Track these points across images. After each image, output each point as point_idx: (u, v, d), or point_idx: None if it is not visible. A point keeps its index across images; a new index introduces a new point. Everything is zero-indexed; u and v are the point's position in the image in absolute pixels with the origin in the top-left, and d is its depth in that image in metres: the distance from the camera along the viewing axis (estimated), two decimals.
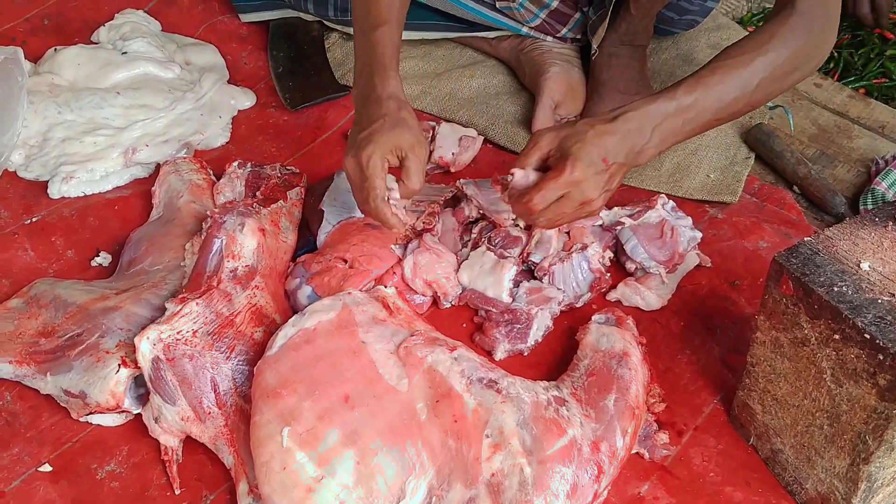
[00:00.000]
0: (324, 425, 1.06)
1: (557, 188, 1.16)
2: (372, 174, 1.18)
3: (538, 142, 1.20)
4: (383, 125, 1.20)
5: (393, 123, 1.20)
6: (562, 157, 1.17)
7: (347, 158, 1.21)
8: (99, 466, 1.15)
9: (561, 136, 1.19)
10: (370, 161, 1.18)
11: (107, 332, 1.18)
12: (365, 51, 1.27)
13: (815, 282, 0.99)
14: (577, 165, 1.15)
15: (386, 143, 1.19)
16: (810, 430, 1.07)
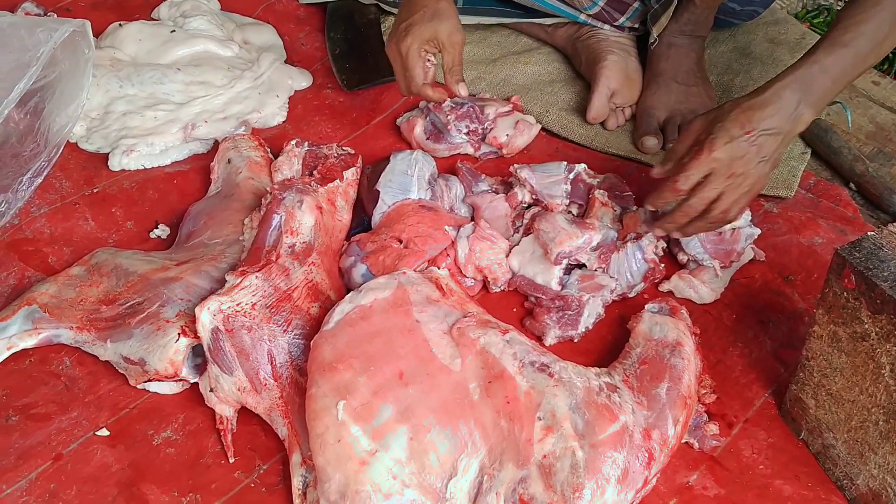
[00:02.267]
0: (378, 400, 1.07)
1: (700, 166, 1.20)
2: (411, 64, 1.33)
3: (689, 128, 1.24)
4: (423, 16, 1.31)
5: (431, 14, 1.32)
6: (705, 138, 1.21)
7: (389, 46, 1.36)
8: (155, 433, 1.17)
9: (709, 119, 1.23)
10: (409, 52, 1.32)
11: (167, 302, 1.20)
12: None
13: (879, 276, 0.98)
14: (716, 143, 1.19)
15: (423, 34, 1.31)
16: (865, 425, 1.06)
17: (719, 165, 1.19)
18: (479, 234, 1.32)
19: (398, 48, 1.33)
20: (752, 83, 1.65)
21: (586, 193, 1.40)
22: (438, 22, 1.31)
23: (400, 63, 1.34)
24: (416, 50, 1.32)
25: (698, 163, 1.20)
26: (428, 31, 1.31)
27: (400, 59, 1.34)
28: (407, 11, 1.34)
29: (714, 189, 1.21)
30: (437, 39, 1.32)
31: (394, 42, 1.34)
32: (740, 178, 1.20)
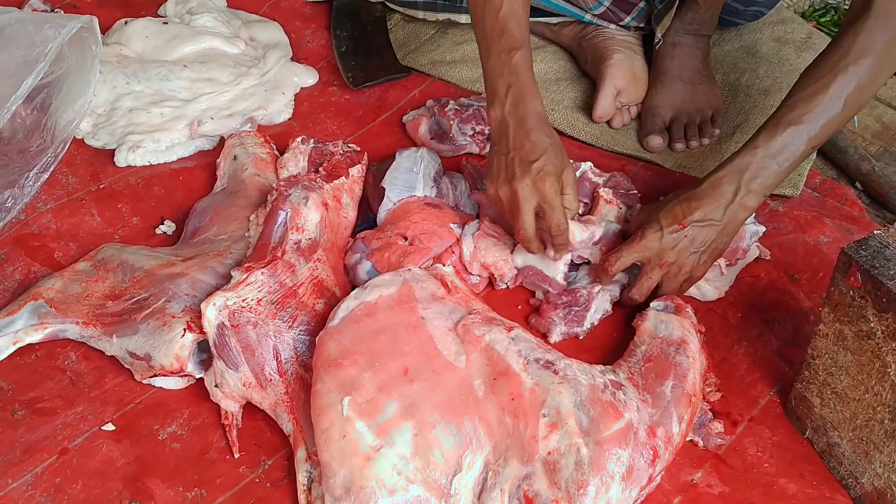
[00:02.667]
0: (383, 396, 1.07)
1: (630, 253, 1.24)
2: (556, 207, 1.19)
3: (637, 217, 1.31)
4: (553, 155, 1.19)
5: (558, 153, 1.21)
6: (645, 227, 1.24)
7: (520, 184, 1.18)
8: (161, 427, 1.18)
9: (651, 209, 1.27)
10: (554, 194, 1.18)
11: (173, 297, 1.20)
12: (506, 72, 1.22)
13: (885, 274, 0.98)
14: (647, 233, 1.23)
15: (556, 173, 1.19)
16: (870, 424, 1.06)
17: (650, 255, 1.23)
18: (484, 232, 1.33)
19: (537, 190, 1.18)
20: (757, 82, 1.65)
21: (592, 192, 1.40)
22: (564, 160, 1.20)
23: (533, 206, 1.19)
24: (558, 192, 1.19)
25: (629, 249, 1.24)
26: (558, 169, 1.19)
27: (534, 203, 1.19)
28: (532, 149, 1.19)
29: (649, 279, 1.25)
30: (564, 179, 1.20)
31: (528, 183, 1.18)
32: (674, 268, 1.24)
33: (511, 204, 1.21)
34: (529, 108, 1.21)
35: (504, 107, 1.22)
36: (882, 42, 1.16)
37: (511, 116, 1.22)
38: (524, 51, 1.23)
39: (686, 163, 1.53)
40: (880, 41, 1.16)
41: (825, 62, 1.18)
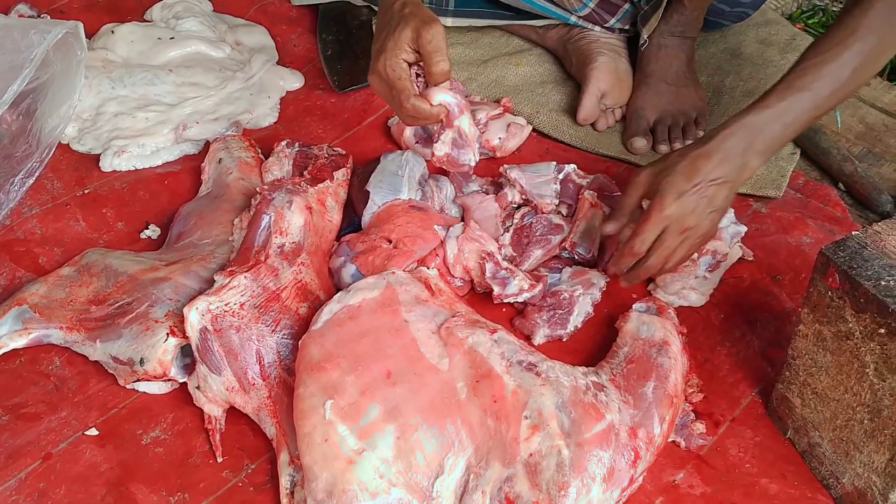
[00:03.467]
0: (366, 400, 1.08)
1: (654, 226, 1.19)
2: (394, 78, 1.18)
3: (637, 181, 1.24)
4: (391, 30, 1.19)
5: (398, 23, 1.18)
6: (654, 194, 1.20)
7: (371, 77, 1.22)
8: (144, 432, 1.18)
9: (655, 172, 1.22)
10: (388, 68, 1.18)
11: (156, 302, 1.21)
12: None
13: (863, 275, 0.99)
14: (666, 200, 1.18)
15: (397, 44, 1.18)
16: (850, 424, 1.07)
17: (671, 223, 1.19)
18: (468, 235, 1.33)
19: (378, 73, 1.20)
20: (741, 84, 1.66)
21: (576, 194, 1.40)
22: (405, 25, 1.17)
23: (385, 87, 1.21)
24: (395, 63, 1.18)
25: (651, 223, 1.19)
26: (401, 39, 1.17)
27: (384, 83, 1.20)
28: (377, 38, 1.22)
29: (668, 247, 1.21)
30: (411, 39, 1.17)
31: (372, 70, 1.21)
32: (693, 231, 1.20)
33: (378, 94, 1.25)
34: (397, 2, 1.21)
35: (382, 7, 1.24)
36: (888, 24, 1.17)
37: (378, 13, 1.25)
38: None
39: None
40: (886, 23, 1.17)
41: (835, 35, 1.18)
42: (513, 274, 1.29)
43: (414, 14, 1.19)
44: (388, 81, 1.20)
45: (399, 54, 1.18)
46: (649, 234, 1.20)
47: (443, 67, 1.19)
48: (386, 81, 1.21)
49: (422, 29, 1.17)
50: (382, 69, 1.20)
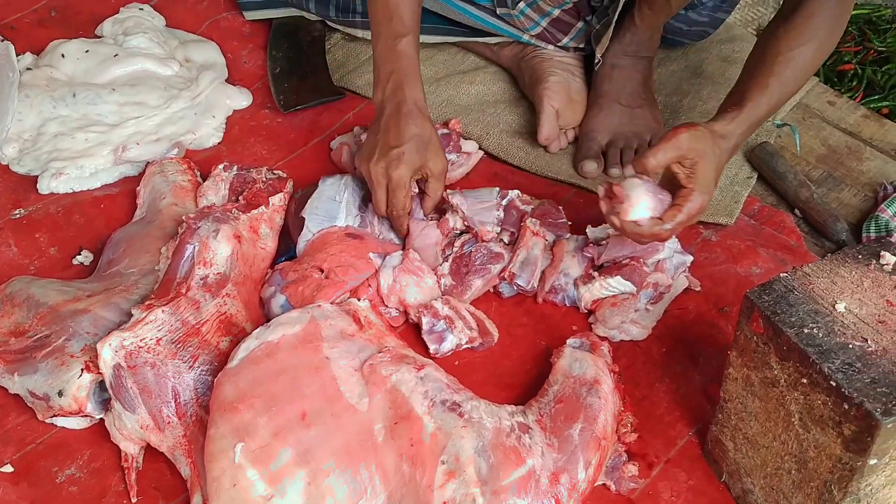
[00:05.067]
0: (278, 443, 1.04)
1: (686, 218, 1.16)
2: (400, 193, 1.27)
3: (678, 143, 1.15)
4: (416, 145, 1.26)
5: (424, 144, 1.27)
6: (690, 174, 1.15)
7: (375, 167, 1.27)
8: (60, 470, 1.15)
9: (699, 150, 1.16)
10: (400, 181, 1.26)
11: (73, 336, 1.17)
12: (390, 58, 1.30)
13: (786, 322, 0.94)
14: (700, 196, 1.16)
15: (415, 164, 1.27)
16: (779, 472, 1.02)
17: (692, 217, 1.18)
18: (406, 267, 1.29)
19: (388, 174, 1.26)
20: (700, 104, 1.61)
21: (519, 220, 1.36)
22: (431, 154, 1.27)
23: (384, 187, 1.28)
24: (406, 180, 1.27)
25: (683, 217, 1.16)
26: (419, 161, 1.27)
27: (385, 184, 1.27)
28: (396, 136, 1.26)
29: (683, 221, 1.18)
30: (426, 169, 1.28)
31: (381, 166, 1.26)
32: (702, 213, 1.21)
33: (368, 182, 1.30)
34: (407, 95, 1.27)
35: (384, 91, 1.29)
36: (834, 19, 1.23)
37: (389, 101, 1.28)
38: (411, 38, 1.29)
39: None
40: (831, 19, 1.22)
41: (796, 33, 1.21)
42: (452, 325, 1.25)
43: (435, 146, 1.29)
44: (392, 186, 1.28)
45: (413, 176, 1.29)
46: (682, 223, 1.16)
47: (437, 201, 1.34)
48: (388, 184, 1.28)
49: (436, 174, 1.30)
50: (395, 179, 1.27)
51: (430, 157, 1.28)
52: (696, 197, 1.15)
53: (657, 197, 1.16)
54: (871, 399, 0.86)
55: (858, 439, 0.88)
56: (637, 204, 1.15)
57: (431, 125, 1.29)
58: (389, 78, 1.29)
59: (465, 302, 1.31)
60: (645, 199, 1.16)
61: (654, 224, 1.16)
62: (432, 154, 1.28)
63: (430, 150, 1.28)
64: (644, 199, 1.16)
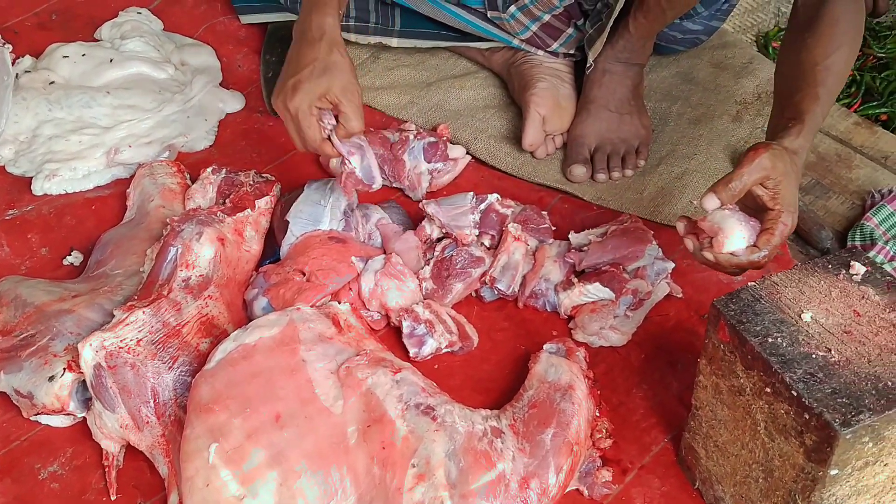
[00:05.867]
0: (251, 444, 1.05)
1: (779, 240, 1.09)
2: (304, 125, 1.21)
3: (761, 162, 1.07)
4: (312, 72, 1.20)
5: (322, 69, 1.20)
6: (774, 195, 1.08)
7: (276, 102, 1.23)
8: (42, 467, 1.17)
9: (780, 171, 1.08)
10: (298, 112, 1.20)
11: (57, 335, 1.20)
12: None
13: (751, 331, 0.95)
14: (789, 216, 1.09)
15: (313, 91, 1.20)
16: (747, 481, 1.03)
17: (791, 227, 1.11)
18: (388, 271, 1.30)
19: (286, 106, 1.21)
20: (689, 110, 1.61)
21: (500, 224, 1.37)
22: (331, 77, 1.19)
23: (291, 122, 1.22)
24: (306, 109, 1.20)
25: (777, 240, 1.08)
26: (320, 87, 1.19)
27: (290, 118, 1.22)
28: (294, 65, 1.21)
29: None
30: (330, 93, 1.20)
31: (281, 100, 1.21)
32: None
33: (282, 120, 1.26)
34: (313, 21, 1.21)
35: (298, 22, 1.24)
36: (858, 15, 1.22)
37: (296, 30, 1.24)
38: None
39: (606, 195, 1.49)
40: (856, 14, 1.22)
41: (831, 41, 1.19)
42: (432, 329, 1.26)
43: (337, 68, 1.20)
44: (295, 120, 1.22)
45: (312, 103, 1.20)
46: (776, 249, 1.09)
47: (355, 127, 1.23)
48: (291, 117, 1.22)
49: (344, 93, 1.20)
50: (293, 112, 1.21)
51: (333, 81, 1.19)
52: (786, 217, 1.08)
53: (748, 224, 1.09)
54: (831, 410, 0.87)
55: (819, 449, 0.89)
56: (732, 235, 1.08)
57: (340, 48, 1.22)
58: (304, 7, 1.24)
59: (447, 306, 1.32)
60: (739, 230, 1.08)
61: (750, 252, 1.08)
62: (336, 77, 1.19)
63: (333, 73, 1.19)
64: (738, 228, 1.08)
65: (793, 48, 1.22)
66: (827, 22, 1.20)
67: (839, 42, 1.19)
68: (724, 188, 1.07)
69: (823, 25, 1.20)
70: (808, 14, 1.22)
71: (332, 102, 1.21)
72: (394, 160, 1.47)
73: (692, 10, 1.55)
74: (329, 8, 1.23)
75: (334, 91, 1.20)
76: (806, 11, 1.23)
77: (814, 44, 1.19)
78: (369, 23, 1.67)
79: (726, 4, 1.57)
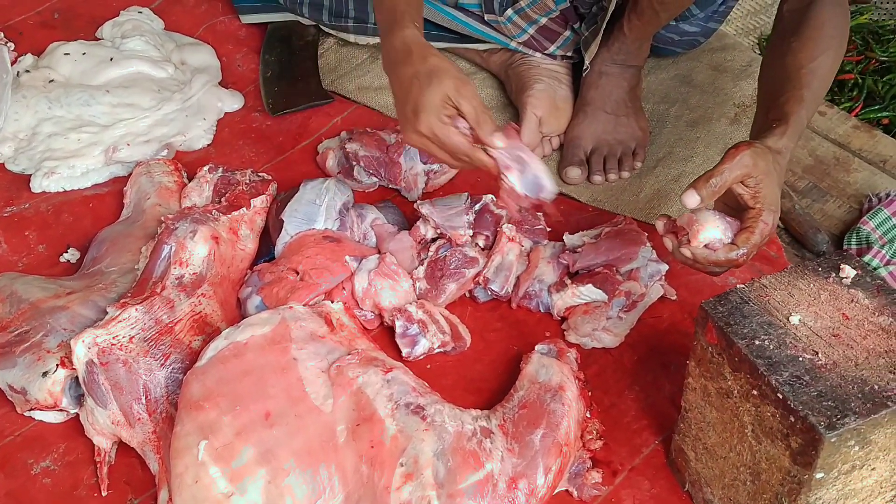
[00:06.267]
0: (240, 441, 1.06)
1: (759, 239, 1.08)
2: (445, 140, 1.13)
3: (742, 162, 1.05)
4: (420, 87, 1.12)
5: (427, 79, 1.12)
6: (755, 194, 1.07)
7: (409, 136, 1.15)
8: (35, 462, 1.18)
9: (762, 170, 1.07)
10: (433, 130, 1.12)
11: (51, 332, 1.20)
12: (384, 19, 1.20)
13: (738, 333, 0.95)
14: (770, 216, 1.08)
15: (432, 102, 1.12)
16: (735, 483, 1.03)
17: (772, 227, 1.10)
18: (381, 271, 1.31)
19: (418, 132, 1.13)
20: (687, 113, 1.61)
21: (494, 225, 1.37)
22: (439, 82, 1.11)
23: (431, 144, 1.14)
24: (436, 122, 1.11)
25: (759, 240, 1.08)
26: (436, 96, 1.11)
27: (429, 141, 1.13)
28: (401, 91, 1.15)
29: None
30: (448, 97, 1.11)
31: (410, 130, 1.14)
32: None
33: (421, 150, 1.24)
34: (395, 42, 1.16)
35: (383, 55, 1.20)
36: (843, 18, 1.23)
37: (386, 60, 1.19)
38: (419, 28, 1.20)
39: (601, 197, 1.49)
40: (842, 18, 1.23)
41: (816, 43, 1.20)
42: (425, 330, 1.26)
43: (442, 70, 1.13)
44: (437, 141, 1.14)
45: (441, 116, 1.13)
46: (756, 248, 1.08)
47: (491, 128, 1.14)
48: (433, 140, 1.14)
49: (460, 89, 1.12)
50: (429, 133, 1.13)
51: (443, 84, 1.11)
52: (767, 216, 1.07)
53: (725, 220, 1.08)
54: (816, 413, 0.87)
55: (804, 452, 0.88)
56: (707, 226, 1.07)
57: (431, 50, 1.15)
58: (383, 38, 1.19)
59: (440, 306, 1.32)
60: (715, 222, 1.08)
61: (728, 250, 1.07)
62: (444, 80, 1.12)
63: (439, 77, 1.12)
64: (714, 221, 1.08)
65: (778, 52, 1.23)
66: (812, 26, 1.21)
67: (825, 46, 1.20)
68: (705, 184, 1.05)
69: (809, 30, 1.21)
70: (794, 19, 1.23)
71: (453, 106, 1.13)
72: (389, 163, 1.47)
73: (688, 12, 1.55)
74: (405, 22, 1.18)
75: (449, 93, 1.11)
76: (791, 17, 1.24)
77: (799, 47, 1.19)
78: (368, 23, 1.67)
79: (723, 6, 1.57)
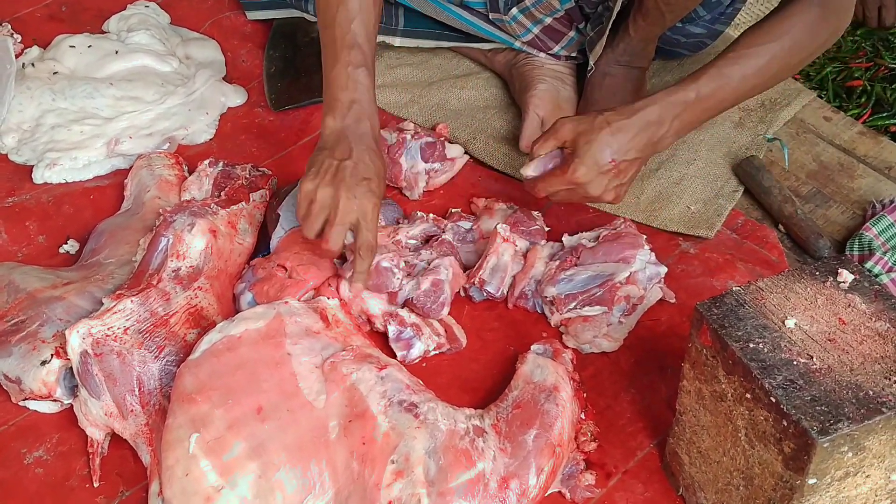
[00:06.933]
0: (232, 435, 1.06)
1: (560, 184, 1.24)
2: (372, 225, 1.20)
3: (557, 131, 1.24)
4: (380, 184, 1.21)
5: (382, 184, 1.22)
6: (571, 152, 1.22)
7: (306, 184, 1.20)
8: (28, 452, 1.18)
9: (577, 131, 1.23)
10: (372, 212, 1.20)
11: (46, 322, 1.20)
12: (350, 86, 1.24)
13: (732, 336, 0.94)
14: (580, 168, 1.22)
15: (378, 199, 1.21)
16: (728, 488, 1.02)
17: (578, 188, 1.23)
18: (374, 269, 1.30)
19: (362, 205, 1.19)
20: None
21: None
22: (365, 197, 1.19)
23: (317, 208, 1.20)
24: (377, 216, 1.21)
25: (558, 181, 1.23)
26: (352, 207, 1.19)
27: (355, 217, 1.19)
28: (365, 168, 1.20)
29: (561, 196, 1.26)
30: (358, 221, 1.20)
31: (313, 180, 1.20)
32: (590, 195, 1.25)
33: (330, 208, 1.20)
34: (372, 130, 1.25)
35: (344, 119, 1.24)
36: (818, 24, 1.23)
37: (351, 131, 1.24)
38: (369, 70, 1.26)
39: None
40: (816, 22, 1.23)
41: (768, 27, 1.23)
42: (419, 332, 1.25)
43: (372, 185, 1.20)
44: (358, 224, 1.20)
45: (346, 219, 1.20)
46: (554, 188, 1.25)
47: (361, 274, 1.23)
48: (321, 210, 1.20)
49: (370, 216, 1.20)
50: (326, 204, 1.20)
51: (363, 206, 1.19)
52: (577, 166, 1.21)
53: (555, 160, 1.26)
54: (809, 417, 0.86)
55: (797, 457, 0.88)
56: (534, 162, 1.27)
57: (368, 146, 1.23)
58: (350, 107, 1.24)
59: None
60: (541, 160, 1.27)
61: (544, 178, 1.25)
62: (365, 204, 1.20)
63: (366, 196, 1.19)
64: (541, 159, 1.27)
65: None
66: (778, 15, 1.23)
67: (778, 34, 1.21)
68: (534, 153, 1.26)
69: (773, 17, 1.24)
70: None
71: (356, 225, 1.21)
72: (390, 162, 1.47)
73: (694, 14, 1.54)
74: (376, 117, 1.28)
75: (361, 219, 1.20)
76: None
77: (751, 31, 1.24)
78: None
79: (730, 9, 1.56)
